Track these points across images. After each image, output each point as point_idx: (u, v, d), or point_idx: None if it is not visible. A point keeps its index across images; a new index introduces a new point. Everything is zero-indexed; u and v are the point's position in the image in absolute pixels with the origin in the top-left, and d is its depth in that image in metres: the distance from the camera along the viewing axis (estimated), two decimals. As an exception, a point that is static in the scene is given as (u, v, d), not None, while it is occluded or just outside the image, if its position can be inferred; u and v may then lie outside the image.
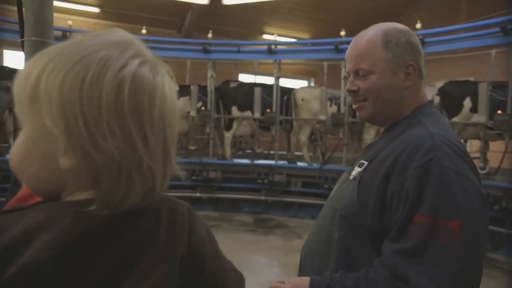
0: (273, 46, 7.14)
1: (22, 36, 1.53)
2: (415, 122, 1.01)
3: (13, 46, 8.53)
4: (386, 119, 1.09)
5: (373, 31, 1.05)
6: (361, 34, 1.08)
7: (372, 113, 1.07)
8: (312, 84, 11.50)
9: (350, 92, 1.09)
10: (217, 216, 6.95)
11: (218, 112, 7.65)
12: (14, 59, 8.72)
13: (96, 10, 8.90)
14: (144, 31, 7.11)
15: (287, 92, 7.60)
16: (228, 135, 7.64)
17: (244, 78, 10.41)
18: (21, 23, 1.53)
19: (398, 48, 1.02)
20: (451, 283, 0.81)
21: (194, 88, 7.56)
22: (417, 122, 1.00)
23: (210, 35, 7.29)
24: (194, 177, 7.47)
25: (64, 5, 8.43)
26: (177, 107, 0.63)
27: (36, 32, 1.49)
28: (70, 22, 6.73)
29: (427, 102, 1.09)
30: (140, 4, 8.79)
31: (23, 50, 1.55)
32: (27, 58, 1.52)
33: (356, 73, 1.06)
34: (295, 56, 7.32)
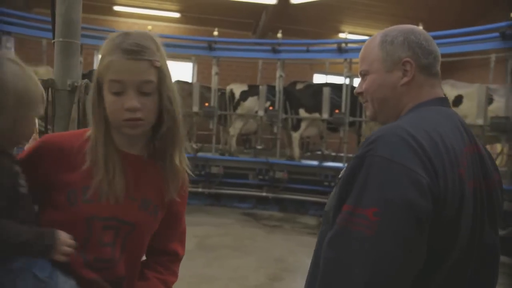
0: (343, 45, 6.87)
1: (54, 38, 1.67)
2: None
3: (105, 51, 9.45)
4: (387, 117, 1.05)
5: (377, 34, 1.07)
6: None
7: (373, 113, 1.08)
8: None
9: (358, 94, 1.10)
10: (282, 217, 6.91)
11: (286, 112, 7.61)
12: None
13: (176, 15, 9.46)
14: (216, 33, 7.34)
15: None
16: (296, 136, 7.55)
17: (319, 78, 10.23)
18: (53, 25, 1.66)
19: (393, 46, 1.01)
20: (357, 270, 0.78)
21: (262, 88, 7.61)
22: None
23: (279, 35, 7.27)
24: (260, 176, 7.55)
25: (146, 12, 9.12)
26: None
27: (64, 33, 1.60)
28: (149, 27, 7.23)
29: (433, 99, 1.00)
30: (217, 7, 9.12)
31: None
32: (57, 58, 1.65)
33: (361, 75, 1.08)
34: (368, 54, 6.92)
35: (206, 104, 7.59)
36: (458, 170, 0.87)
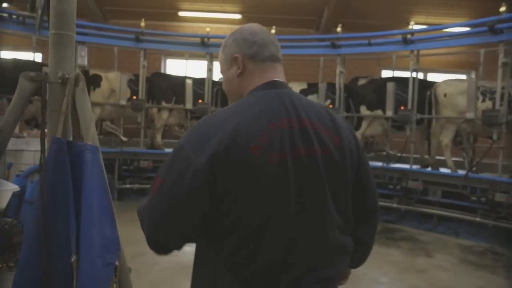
0: (409, 35, 6.30)
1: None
2: None
3: (174, 55, 9.90)
4: None
5: None
6: None
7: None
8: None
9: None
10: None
11: (348, 110, 7.22)
12: (175, 67, 10.07)
13: (238, 16, 9.55)
14: (273, 30, 7.22)
15: (430, 86, 6.62)
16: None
17: (388, 75, 9.57)
18: (49, 18, 1.67)
19: (227, 48, 1.23)
20: (143, 215, 1.14)
21: (322, 86, 7.32)
22: None
23: (339, 29, 6.92)
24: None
25: (208, 16, 9.34)
26: None
27: (57, 25, 1.60)
28: (208, 29, 7.39)
29: (263, 84, 1.16)
30: (278, 6, 9.01)
31: (53, 44, 1.70)
32: (51, 51, 1.66)
33: None
34: (438, 45, 6.27)
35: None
36: (249, 148, 1.01)
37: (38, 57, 9.51)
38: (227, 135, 1.00)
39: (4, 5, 6.79)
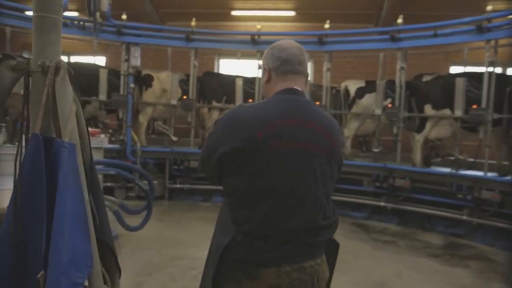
0: (484, 22, 5.51)
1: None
2: None
3: (227, 55, 9.83)
4: None
5: None
6: None
7: None
8: None
9: None
10: (398, 231, 5.92)
11: (410, 110, 6.54)
12: (229, 66, 9.99)
13: (291, 13, 9.21)
14: (327, 25, 6.79)
15: (510, 82, 5.75)
16: (418, 138, 6.43)
17: (458, 71, 8.61)
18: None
19: (263, 59, 1.55)
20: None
21: (380, 83, 6.73)
22: None
23: (400, 20, 6.29)
24: (377, 184, 6.67)
25: (262, 14, 9.11)
26: None
27: (40, 7, 1.41)
28: (258, 26, 7.14)
29: (281, 90, 1.45)
30: (333, 0, 8.53)
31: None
32: (33, 37, 1.48)
33: None
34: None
35: (318, 103, 7.09)
36: (255, 132, 1.33)
37: (102, 60, 10.01)
38: (244, 126, 1.35)
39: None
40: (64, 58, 7.51)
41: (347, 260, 4.43)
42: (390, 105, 6.58)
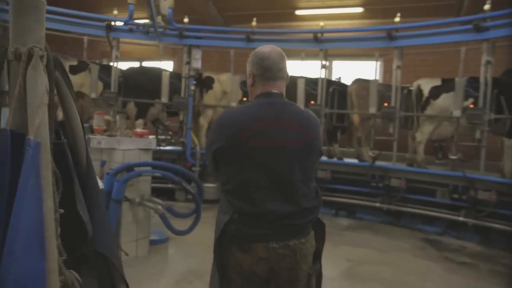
0: None
1: None
2: None
3: (290, 56, 9.52)
4: None
5: None
6: None
7: None
8: None
9: None
10: (479, 251, 5.10)
11: (499, 111, 5.65)
12: (293, 68, 9.70)
13: (359, 10, 8.61)
14: (397, 18, 6.17)
15: None
16: (510, 144, 5.51)
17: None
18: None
19: (248, 64, 1.78)
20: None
21: (459, 81, 5.92)
22: None
23: (487, 6, 5.44)
24: (455, 196, 5.86)
25: (327, 12, 8.63)
26: None
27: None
28: (321, 23, 6.73)
29: (261, 93, 1.72)
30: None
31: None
32: (10, 22, 1.33)
33: None
34: None
35: (386, 104, 6.47)
36: (237, 132, 1.63)
37: (169, 65, 10.33)
38: (228, 127, 1.66)
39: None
40: (136, 64, 7.77)
41: (410, 282, 3.87)
42: (472, 106, 5.75)
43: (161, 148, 7.23)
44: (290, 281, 1.64)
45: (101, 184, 3.60)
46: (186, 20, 7.03)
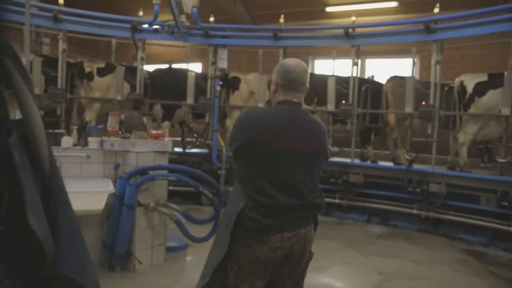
0: None
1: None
2: None
3: (321, 55, 9.15)
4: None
5: None
6: None
7: None
8: None
9: None
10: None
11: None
12: (324, 68, 9.31)
13: (393, 4, 8.05)
14: (436, 9, 5.66)
15: None
16: None
17: None
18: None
19: (274, 73, 1.93)
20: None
21: (509, 76, 5.33)
22: None
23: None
24: (505, 203, 5.27)
25: (359, 7, 8.16)
26: None
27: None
28: (353, 18, 6.32)
29: (282, 101, 1.87)
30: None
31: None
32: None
33: None
34: None
35: (424, 103, 5.96)
36: (259, 132, 1.79)
37: (198, 67, 10.23)
38: (251, 128, 1.81)
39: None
40: (165, 66, 7.63)
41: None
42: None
43: (187, 150, 7.10)
44: (295, 264, 1.88)
45: (111, 189, 3.46)
46: (211, 19, 6.86)
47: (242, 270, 1.80)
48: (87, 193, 3.38)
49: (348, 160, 6.58)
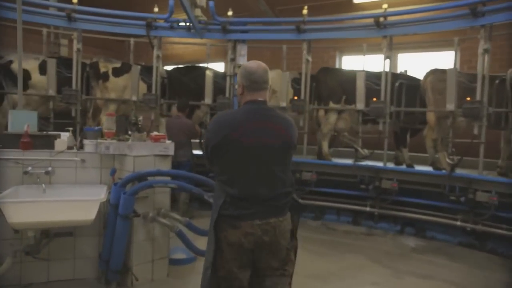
0: None
1: None
2: None
3: (349, 51, 8.49)
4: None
5: None
6: None
7: None
8: None
9: None
10: None
11: None
12: (353, 65, 8.64)
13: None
14: None
15: None
16: None
17: None
18: None
19: (238, 76, 2.12)
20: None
21: None
22: None
23: None
24: None
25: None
26: None
27: None
28: (385, 6, 5.66)
29: (248, 101, 2.06)
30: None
31: None
32: None
33: None
34: None
35: (469, 98, 5.21)
36: (230, 131, 1.97)
37: (220, 66, 9.84)
38: (224, 127, 1.99)
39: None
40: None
41: None
42: None
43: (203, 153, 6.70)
44: (271, 252, 2.00)
45: (103, 197, 3.07)
46: (230, 13, 6.42)
47: (222, 252, 1.98)
48: (77, 202, 3.02)
49: (380, 164, 5.92)
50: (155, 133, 3.67)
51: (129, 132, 3.62)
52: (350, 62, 8.77)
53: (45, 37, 6.93)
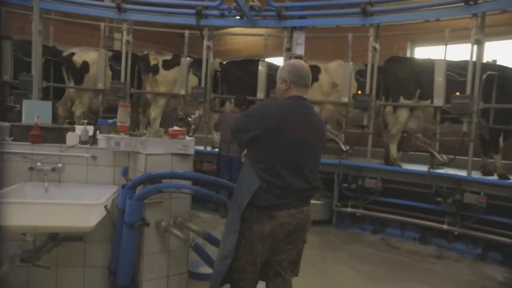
0: None
1: None
2: None
3: (425, 40, 7.29)
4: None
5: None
6: None
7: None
8: None
9: None
10: None
11: None
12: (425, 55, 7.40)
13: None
14: None
15: None
16: None
17: None
18: None
19: (282, 71, 2.25)
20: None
21: None
22: None
23: None
24: None
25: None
26: None
27: None
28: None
29: (293, 96, 2.19)
30: None
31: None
32: None
33: None
34: None
35: None
36: (277, 122, 2.08)
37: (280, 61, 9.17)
38: (270, 117, 2.11)
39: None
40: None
41: None
42: None
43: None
44: (296, 240, 2.22)
45: (103, 201, 2.63)
46: (286, -2, 5.77)
47: (249, 244, 2.11)
48: (71, 206, 2.61)
49: (463, 174, 4.83)
50: (175, 128, 3.16)
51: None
52: (424, 55, 7.54)
53: (102, 32, 6.91)
